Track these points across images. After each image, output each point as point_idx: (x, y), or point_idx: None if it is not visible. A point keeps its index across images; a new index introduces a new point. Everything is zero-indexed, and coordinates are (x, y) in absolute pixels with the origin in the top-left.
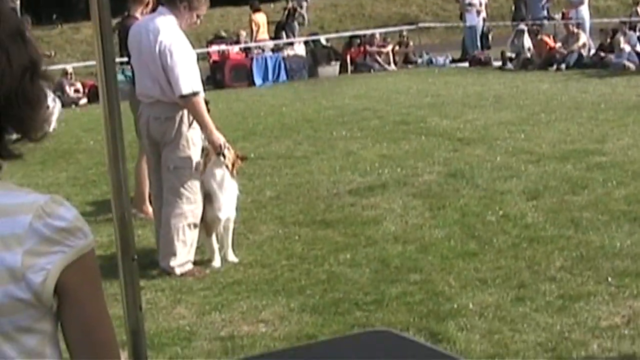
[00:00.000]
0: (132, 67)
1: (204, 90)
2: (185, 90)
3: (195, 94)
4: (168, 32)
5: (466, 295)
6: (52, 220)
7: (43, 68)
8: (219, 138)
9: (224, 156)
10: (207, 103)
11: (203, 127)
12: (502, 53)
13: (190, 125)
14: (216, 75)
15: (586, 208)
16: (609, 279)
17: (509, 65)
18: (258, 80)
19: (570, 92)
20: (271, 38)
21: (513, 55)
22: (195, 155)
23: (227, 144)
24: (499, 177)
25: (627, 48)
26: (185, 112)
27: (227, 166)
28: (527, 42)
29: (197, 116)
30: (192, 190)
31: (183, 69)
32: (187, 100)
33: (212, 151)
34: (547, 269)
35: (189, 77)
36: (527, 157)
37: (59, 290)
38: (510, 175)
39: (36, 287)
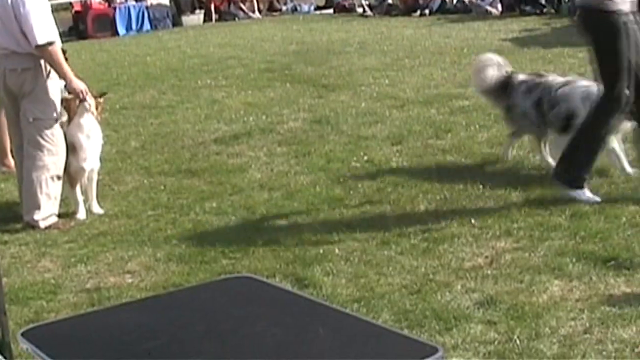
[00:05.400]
0: None
1: (66, 41)
2: (41, 39)
3: (51, 43)
4: None
5: (332, 241)
6: None
7: None
8: (80, 85)
9: (88, 104)
10: (64, 52)
11: (62, 76)
12: None
13: (48, 75)
14: (79, 26)
15: (450, 152)
16: (472, 220)
17: (371, 12)
18: (121, 30)
19: (433, 38)
20: None
21: (376, 2)
22: (55, 106)
23: (88, 91)
24: (363, 123)
25: None
26: (43, 62)
27: (92, 113)
28: None
29: (55, 65)
30: (54, 142)
31: (37, 18)
32: (44, 50)
33: (73, 101)
34: (411, 212)
35: (43, 27)
36: (391, 102)
37: None
38: (375, 121)
39: None
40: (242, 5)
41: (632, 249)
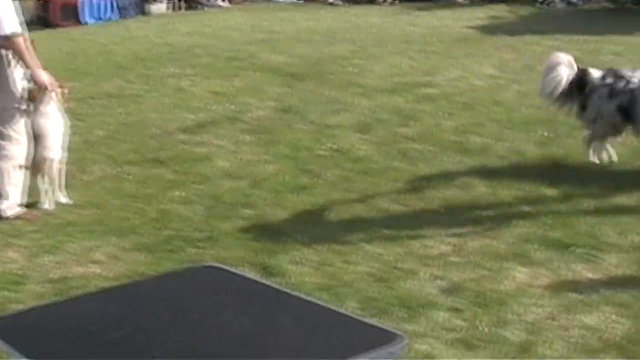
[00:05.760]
0: None
1: (32, 30)
2: (7, 30)
3: (17, 34)
4: None
5: (298, 229)
6: None
7: None
8: (44, 77)
9: (53, 93)
10: (32, 42)
11: (28, 66)
12: None
13: (12, 65)
14: (44, 14)
15: (416, 140)
16: (440, 208)
17: (340, 1)
18: (88, 19)
19: (400, 26)
20: None
21: None
22: (19, 96)
23: (53, 82)
24: (330, 111)
25: None
26: (7, 52)
27: (56, 102)
28: None
29: (21, 56)
30: (18, 131)
31: (2, 9)
32: (10, 41)
33: (37, 90)
34: (378, 200)
35: (8, 18)
36: (358, 90)
37: None
38: (342, 109)
39: None
40: None
41: (596, 236)
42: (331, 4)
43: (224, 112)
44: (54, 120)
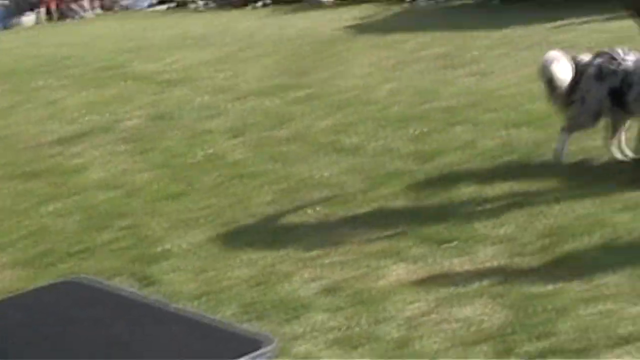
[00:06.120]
0: None
1: None
2: None
3: None
4: None
5: (175, 237)
6: None
7: None
8: None
9: None
10: None
11: None
12: None
13: None
14: None
15: (291, 141)
16: (317, 208)
17: (201, 5)
18: None
19: (269, 29)
20: None
21: None
22: None
23: None
24: (203, 117)
25: None
26: None
27: None
28: None
29: None
30: None
31: None
32: None
33: None
34: (254, 204)
35: None
36: (229, 95)
37: None
38: (215, 114)
39: None
40: (78, 4)
41: (470, 229)
42: (197, 10)
43: (98, 122)
44: None
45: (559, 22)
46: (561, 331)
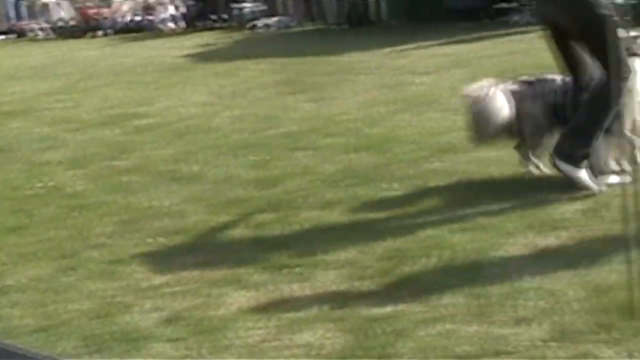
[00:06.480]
0: None
1: None
2: None
3: None
4: None
5: (14, 271)
6: None
7: None
8: None
9: None
10: None
11: None
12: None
13: None
14: None
15: (132, 171)
16: (157, 238)
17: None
18: None
19: (110, 58)
20: None
21: (49, 25)
22: None
23: None
24: (42, 149)
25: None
26: None
27: None
28: (68, 11)
29: None
30: None
31: None
32: None
33: None
34: (94, 235)
35: None
36: (69, 126)
37: None
38: (54, 146)
39: None
40: None
41: (312, 255)
42: (35, 39)
43: None
44: None
45: (399, 47)
46: (401, 353)
